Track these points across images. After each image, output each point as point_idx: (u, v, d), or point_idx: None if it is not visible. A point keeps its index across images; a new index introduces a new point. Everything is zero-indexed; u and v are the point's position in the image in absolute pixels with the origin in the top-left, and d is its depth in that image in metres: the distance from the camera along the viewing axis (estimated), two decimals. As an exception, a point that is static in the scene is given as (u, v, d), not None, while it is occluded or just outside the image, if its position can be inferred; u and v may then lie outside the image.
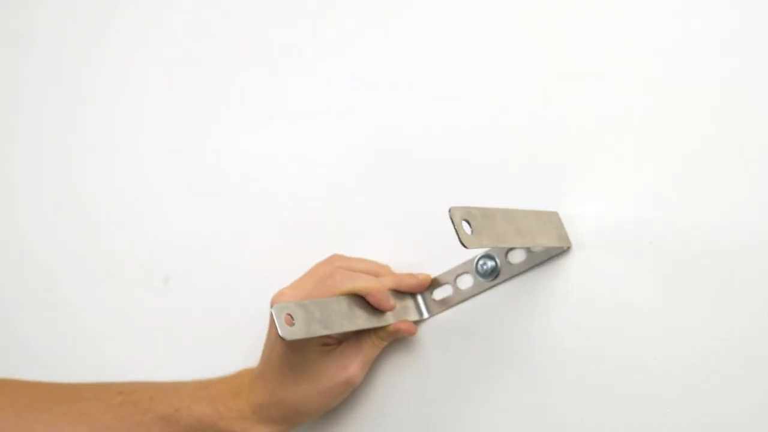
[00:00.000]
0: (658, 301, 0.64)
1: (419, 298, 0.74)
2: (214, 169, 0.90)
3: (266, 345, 0.73)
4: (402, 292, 0.73)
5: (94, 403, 0.75)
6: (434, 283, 0.73)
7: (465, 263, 0.71)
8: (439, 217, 0.74)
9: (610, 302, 0.66)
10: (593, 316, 0.66)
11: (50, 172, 1.03)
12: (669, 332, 0.64)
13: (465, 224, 0.57)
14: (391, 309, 0.70)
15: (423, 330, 0.74)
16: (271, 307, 0.62)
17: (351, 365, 0.71)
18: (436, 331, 0.74)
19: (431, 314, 0.74)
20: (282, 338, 0.62)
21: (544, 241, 0.65)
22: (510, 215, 0.62)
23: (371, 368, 0.74)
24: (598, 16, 0.67)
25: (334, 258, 0.74)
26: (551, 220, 0.66)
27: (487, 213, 0.60)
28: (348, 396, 0.74)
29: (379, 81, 0.79)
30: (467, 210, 0.58)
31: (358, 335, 0.72)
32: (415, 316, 0.73)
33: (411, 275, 0.73)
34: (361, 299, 0.70)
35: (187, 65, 0.93)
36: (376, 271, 0.73)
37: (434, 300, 0.74)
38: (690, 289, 0.63)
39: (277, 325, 0.62)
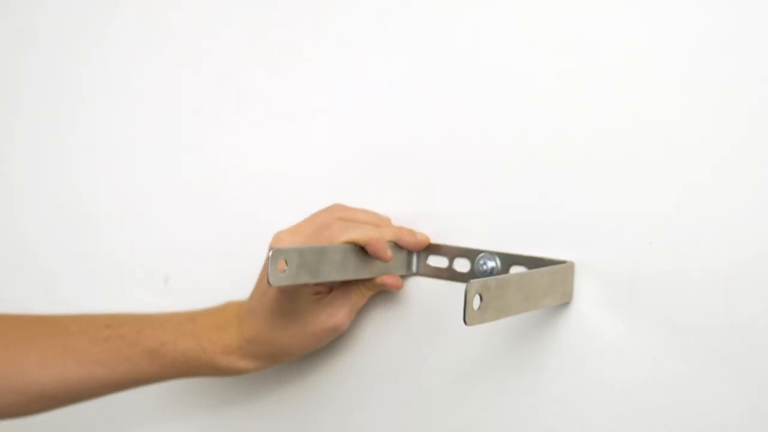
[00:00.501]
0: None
1: (414, 254, 0.75)
2: (214, 169, 0.90)
3: (259, 285, 0.74)
4: (398, 246, 0.74)
5: (82, 336, 0.76)
6: (432, 248, 0.74)
7: (468, 250, 0.72)
8: (440, 217, 0.74)
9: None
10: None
11: (50, 172, 1.03)
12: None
13: (477, 298, 0.57)
14: (389, 260, 0.71)
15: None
16: (270, 250, 0.63)
17: (339, 313, 0.73)
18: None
19: (419, 273, 0.75)
20: (269, 284, 0.63)
21: (547, 302, 0.65)
22: (525, 279, 0.62)
23: (358, 316, 0.76)
24: (598, 16, 0.67)
25: (334, 207, 0.74)
26: (564, 274, 0.66)
27: (502, 283, 0.60)
28: (334, 340, 0.76)
29: (379, 81, 0.79)
30: (484, 283, 0.58)
31: (347, 284, 0.73)
32: (403, 270, 0.74)
33: (411, 232, 0.74)
34: (357, 249, 0.70)
35: (187, 65, 0.93)
36: (376, 222, 0.74)
37: (427, 264, 0.74)
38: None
39: (269, 270, 0.63)
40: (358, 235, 0.69)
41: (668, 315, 0.63)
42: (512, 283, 0.61)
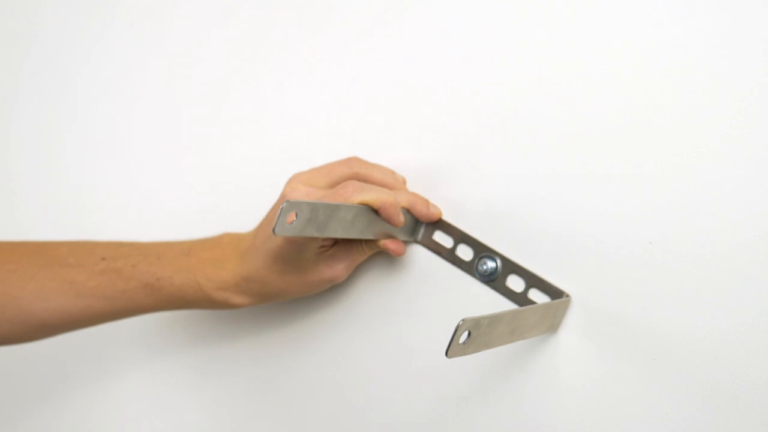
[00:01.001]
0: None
1: (422, 224, 0.75)
2: (214, 169, 0.90)
3: (265, 227, 0.74)
4: (407, 216, 0.74)
5: (78, 269, 0.77)
6: (441, 224, 0.74)
7: (475, 241, 0.72)
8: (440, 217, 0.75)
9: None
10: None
11: (50, 172, 1.03)
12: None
13: (465, 334, 0.57)
14: (400, 225, 0.72)
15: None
16: (285, 202, 0.62)
17: (338, 266, 0.74)
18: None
19: (421, 243, 0.75)
20: (273, 232, 0.63)
21: (531, 334, 0.65)
22: (517, 315, 0.62)
23: (355, 270, 0.77)
24: (599, 15, 0.67)
25: (352, 160, 0.74)
26: (557, 309, 0.66)
27: (494, 319, 0.59)
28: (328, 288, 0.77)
29: (380, 81, 0.79)
30: (477, 321, 0.58)
31: (350, 240, 0.74)
32: (407, 236, 0.74)
33: (425, 202, 0.74)
34: (369, 210, 0.70)
35: (188, 65, 0.93)
36: (392, 183, 0.74)
37: (432, 238, 0.75)
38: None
39: (277, 221, 0.62)
40: (373, 197, 0.69)
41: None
42: (505, 318, 0.60)
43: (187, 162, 0.92)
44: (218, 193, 0.89)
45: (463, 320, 0.56)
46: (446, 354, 0.56)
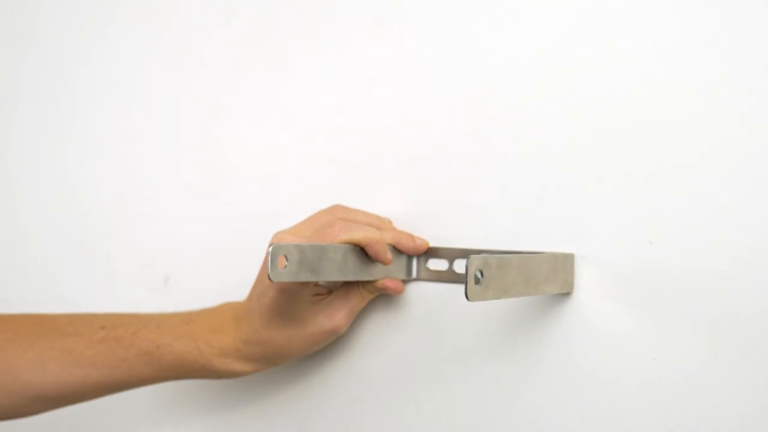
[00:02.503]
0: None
1: (414, 259, 0.75)
2: (214, 169, 0.90)
3: (257, 285, 0.74)
4: (396, 251, 0.74)
5: (77, 338, 0.75)
6: (431, 252, 0.74)
7: (468, 251, 0.72)
8: (440, 218, 0.74)
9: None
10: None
11: (50, 172, 1.03)
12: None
13: (478, 273, 0.58)
14: (388, 262, 0.72)
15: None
16: (270, 246, 0.63)
17: (337, 315, 0.73)
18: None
19: (419, 278, 0.75)
20: (269, 279, 0.63)
21: (548, 290, 0.65)
22: (525, 262, 0.62)
23: (357, 318, 0.76)
24: (600, 13, 0.67)
25: (335, 208, 0.74)
26: (564, 263, 0.67)
27: (503, 262, 0.60)
28: (331, 342, 0.76)
29: (380, 81, 0.79)
30: (485, 260, 0.58)
31: (347, 287, 0.73)
32: (403, 275, 0.74)
33: (410, 236, 0.74)
34: (357, 250, 0.70)
35: (188, 65, 0.93)
36: (377, 224, 0.74)
37: (427, 268, 0.74)
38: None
39: (269, 266, 0.63)
40: (358, 235, 0.69)
41: (670, 310, 0.63)
42: (513, 264, 0.61)
43: (187, 162, 0.92)
44: (218, 193, 0.89)
45: (470, 257, 0.57)
46: (466, 297, 0.57)
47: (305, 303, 0.72)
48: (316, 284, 0.72)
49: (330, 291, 0.74)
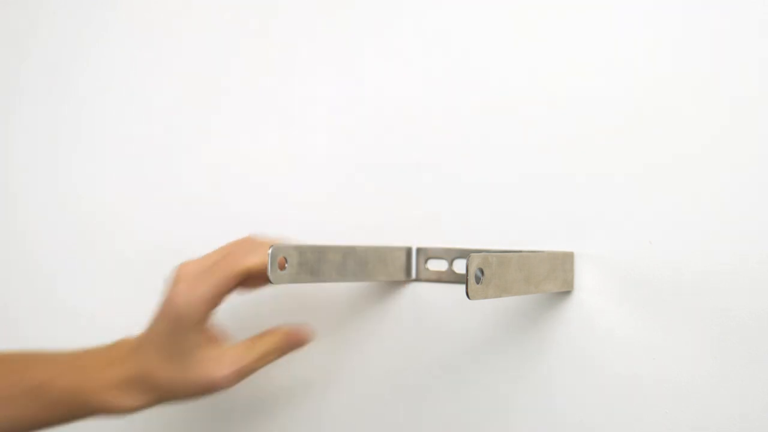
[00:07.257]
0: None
1: (413, 260, 0.75)
2: (213, 169, 0.90)
3: (155, 313, 0.70)
4: (395, 252, 0.73)
5: None
6: (430, 252, 0.74)
7: (466, 251, 0.72)
8: (439, 218, 0.75)
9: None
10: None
11: (50, 173, 1.03)
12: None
13: (478, 271, 0.58)
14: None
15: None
16: (270, 247, 0.62)
17: (226, 369, 0.69)
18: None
19: (419, 279, 0.75)
20: (270, 282, 0.63)
21: (548, 288, 0.65)
22: (525, 260, 0.63)
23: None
24: (601, 13, 0.67)
25: (246, 239, 0.72)
26: (564, 262, 0.67)
27: (503, 260, 0.60)
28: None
29: (380, 81, 0.79)
30: (486, 258, 0.58)
31: (253, 343, 0.71)
32: (402, 276, 0.74)
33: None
34: (354, 253, 0.70)
35: (187, 65, 0.93)
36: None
37: (427, 268, 0.74)
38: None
39: (269, 268, 0.62)
40: (258, 259, 0.68)
41: (670, 309, 0.64)
42: (513, 262, 0.61)
43: (187, 162, 0.92)
44: (217, 193, 0.89)
45: (470, 256, 0.57)
46: (467, 295, 0.57)
47: (197, 341, 0.69)
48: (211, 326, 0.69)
49: (226, 340, 0.72)
